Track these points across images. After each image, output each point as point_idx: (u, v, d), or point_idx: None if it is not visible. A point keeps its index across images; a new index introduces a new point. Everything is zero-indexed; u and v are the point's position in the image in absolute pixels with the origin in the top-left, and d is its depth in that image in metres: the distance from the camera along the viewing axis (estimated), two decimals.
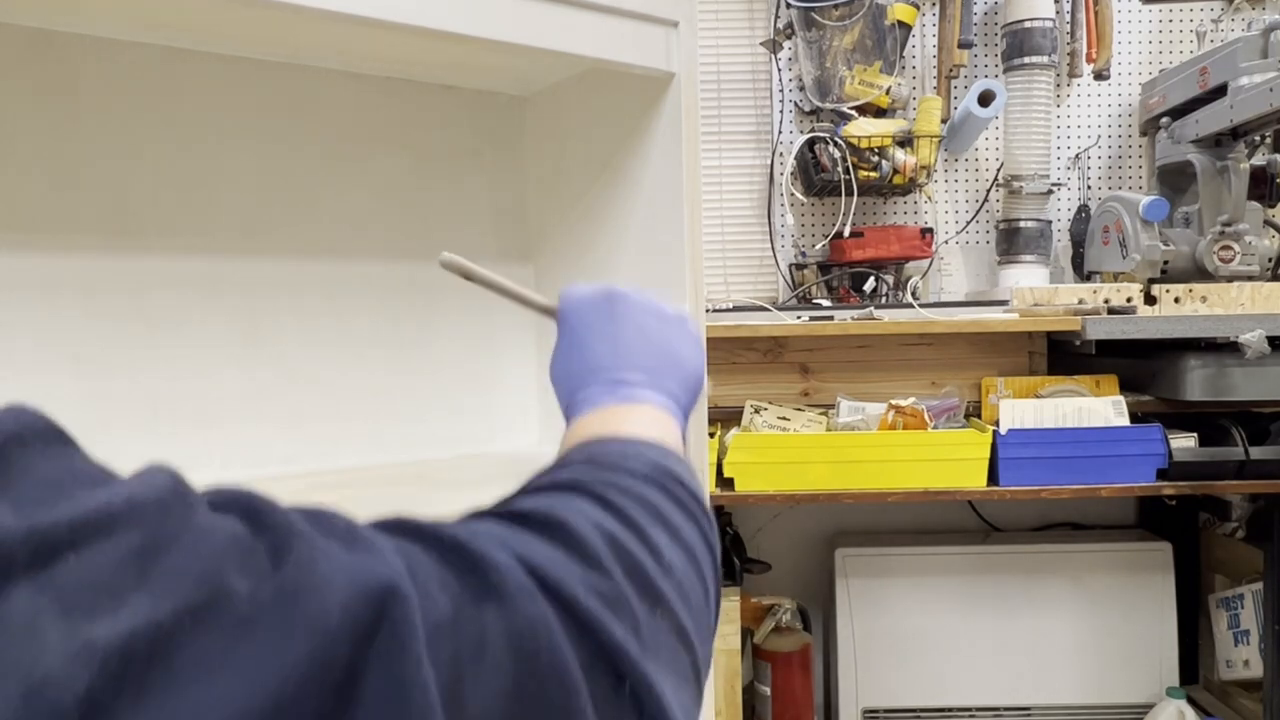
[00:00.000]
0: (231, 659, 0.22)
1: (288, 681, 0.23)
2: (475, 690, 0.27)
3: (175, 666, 0.21)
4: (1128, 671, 1.76)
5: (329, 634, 0.24)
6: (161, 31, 0.78)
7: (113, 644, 0.20)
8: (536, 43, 0.70)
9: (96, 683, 0.20)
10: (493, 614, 0.29)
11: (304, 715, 0.23)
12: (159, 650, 0.21)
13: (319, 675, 0.23)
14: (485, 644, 0.28)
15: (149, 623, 0.21)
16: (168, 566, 0.23)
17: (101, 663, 0.20)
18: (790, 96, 1.98)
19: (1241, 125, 1.59)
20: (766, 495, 1.47)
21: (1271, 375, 1.41)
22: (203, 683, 0.21)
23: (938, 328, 1.54)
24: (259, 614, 0.23)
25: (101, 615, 0.21)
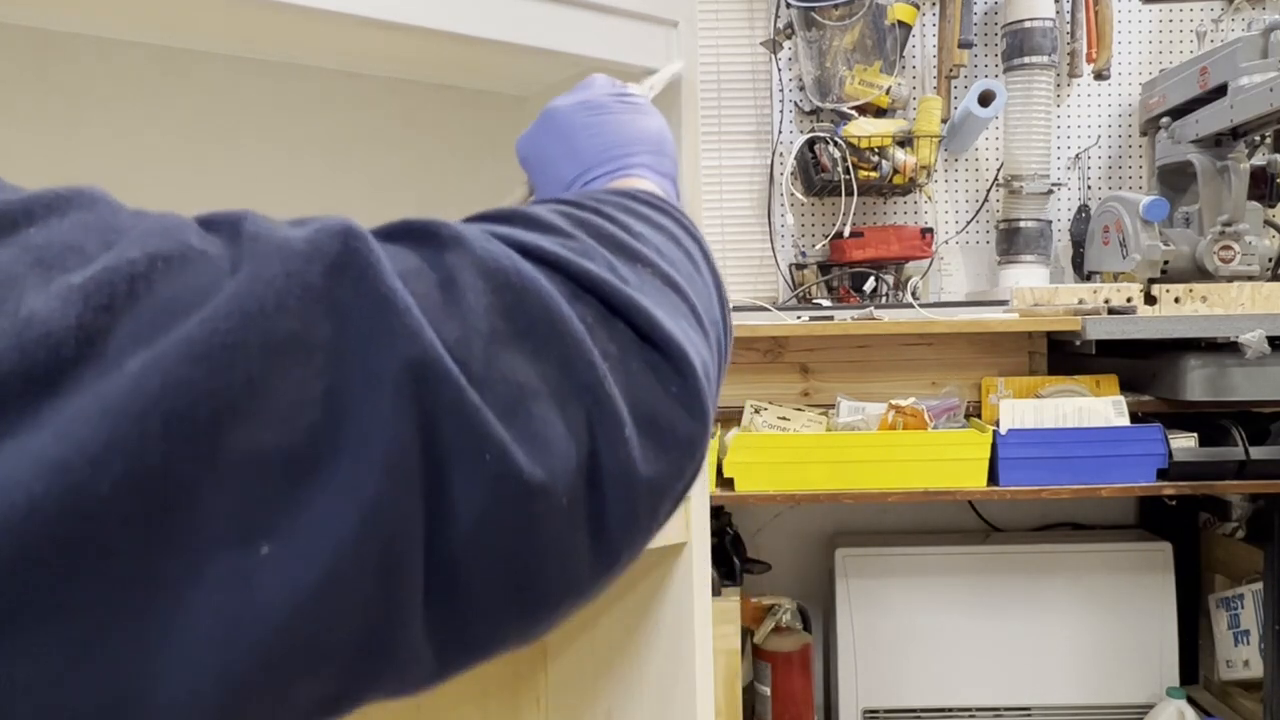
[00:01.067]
0: (211, 291, 0.22)
1: (266, 298, 0.23)
2: (456, 309, 0.27)
3: (158, 296, 0.22)
4: (1128, 671, 1.76)
5: (300, 257, 0.24)
6: (161, 31, 0.78)
7: (91, 283, 0.21)
8: (536, 43, 0.70)
9: (85, 314, 0.20)
10: (455, 257, 0.28)
11: (290, 321, 0.23)
12: (138, 286, 0.21)
13: (297, 294, 0.23)
14: (454, 277, 0.28)
15: (123, 261, 0.21)
16: (131, 230, 0.23)
17: (84, 296, 0.20)
18: (790, 96, 1.98)
19: (1241, 125, 1.59)
20: (766, 495, 1.47)
21: (1271, 375, 1.41)
22: (188, 312, 0.22)
23: (938, 328, 1.54)
24: (229, 259, 0.23)
25: (75, 268, 0.21)
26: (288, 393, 0.22)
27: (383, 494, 0.23)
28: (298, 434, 0.22)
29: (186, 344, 0.21)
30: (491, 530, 0.26)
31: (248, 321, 0.22)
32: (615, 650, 0.89)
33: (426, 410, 0.24)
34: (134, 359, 0.21)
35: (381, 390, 0.24)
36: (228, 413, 0.21)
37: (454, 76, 0.95)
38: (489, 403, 0.26)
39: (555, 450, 0.27)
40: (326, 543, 0.22)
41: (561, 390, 0.28)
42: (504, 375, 0.27)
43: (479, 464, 0.25)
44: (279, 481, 0.22)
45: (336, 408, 0.23)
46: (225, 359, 0.21)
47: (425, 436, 0.24)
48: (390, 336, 0.24)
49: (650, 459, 0.30)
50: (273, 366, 0.22)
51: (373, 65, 0.90)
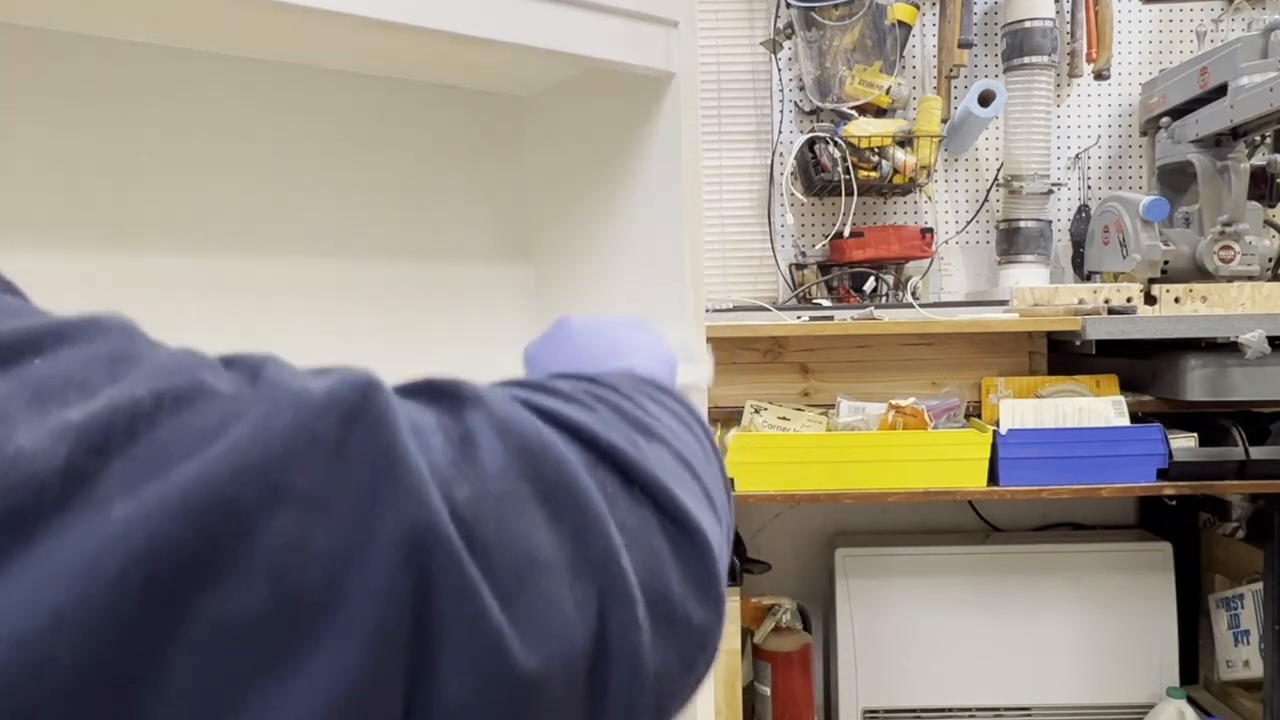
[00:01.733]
0: (216, 435, 0.21)
1: (272, 449, 0.21)
2: (470, 468, 0.26)
3: (158, 437, 0.20)
4: (1128, 671, 1.76)
5: (314, 408, 0.23)
6: (161, 31, 0.78)
7: (89, 420, 0.20)
8: (536, 43, 0.70)
9: (75, 456, 0.19)
10: (475, 416, 0.28)
11: (294, 477, 0.22)
12: (140, 425, 0.20)
13: (304, 446, 0.22)
14: (472, 436, 0.27)
15: (128, 399, 0.20)
16: (141, 364, 0.22)
17: (77, 437, 0.19)
18: (790, 96, 1.98)
19: (1241, 125, 1.59)
20: (766, 495, 1.47)
21: (1271, 375, 1.41)
22: (188, 457, 0.20)
23: (938, 328, 1.54)
24: (242, 400, 0.22)
25: (75, 403, 0.20)
26: (280, 553, 0.21)
27: (365, 672, 0.22)
28: (285, 597, 0.21)
29: (179, 497, 0.20)
30: (478, 711, 0.24)
31: (248, 474, 0.21)
32: None
33: (424, 582, 0.23)
34: (120, 509, 0.19)
35: (382, 554, 0.22)
36: (212, 574, 0.20)
37: (454, 76, 0.95)
38: (492, 576, 0.24)
39: (558, 632, 0.26)
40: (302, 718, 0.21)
41: (575, 564, 0.27)
42: (514, 543, 0.25)
43: (470, 648, 0.24)
44: (258, 654, 0.20)
45: (330, 573, 0.22)
46: (218, 515, 0.20)
47: (418, 612, 0.23)
48: (394, 497, 0.23)
49: (660, 647, 0.28)
50: (268, 523, 0.21)
51: (373, 65, 0.90)
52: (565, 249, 0.99)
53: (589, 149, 0.93)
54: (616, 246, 0.90)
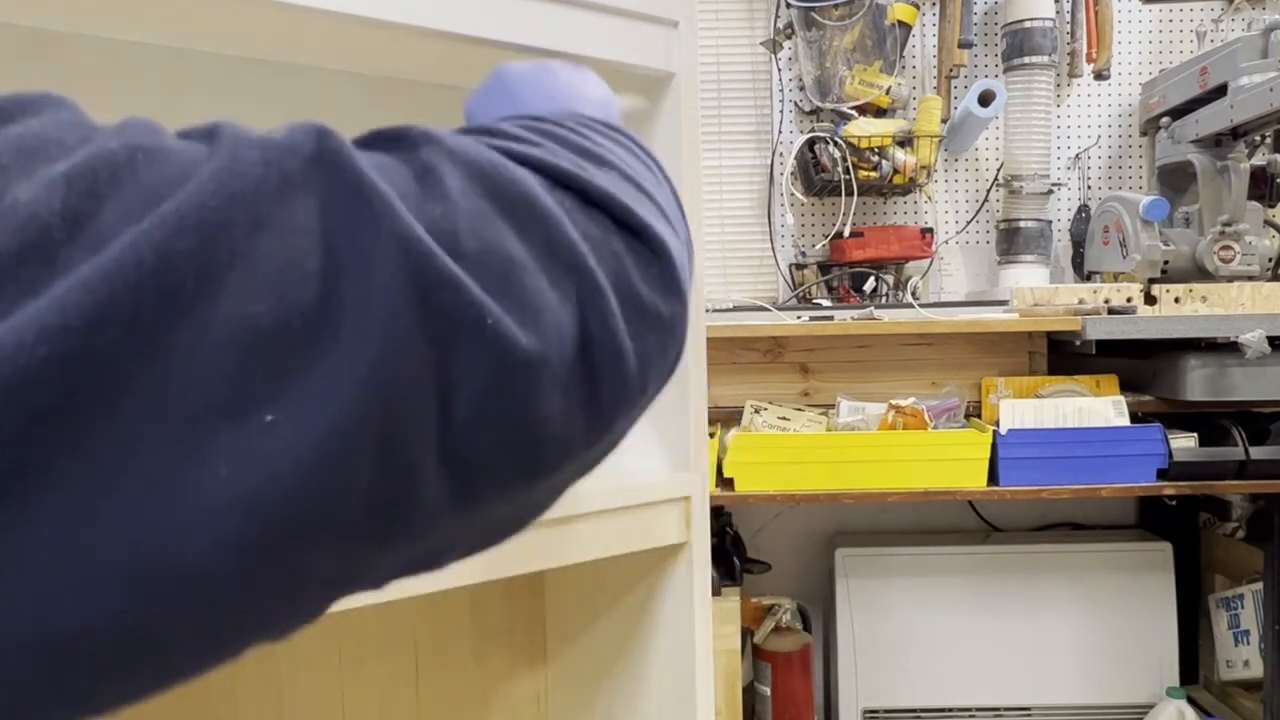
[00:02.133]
0: (192, 174, 0.23)
1: (248, 181, 0.23)
2: (435, 191, 0.27)
3: (141, 181, 0.22)
4: (1128, 671, 1.76)
5: (278, 149, 0.24)
6: (161, 31, 0.78)
7: (74, 170, 0.21)
8: (536, 43, 0.70)
9: (70, 199, 0.21)
10: (429, 150, 0.29)
11: (271, 206, 0.23)
12: (122, 173, 0.22)
13: (276, 180, 0.24)
14: (431, 166, 0.28)
15: (105, 150, 0.22)
16: (105, 128, 0.24)
17: (66, 184, 0.21)
18: (790, 96, 1.98)
19: (1241, 125, 1.59)
20: (766, 495, 1.47)
21: (1271, 375, 1.41)
22: (172, 192, 0.22)
23: (938, 328, 1.54)
24: (207, 152, 0.24)
25: (57, 158, 0.22)
26: (277, 269, 0.23)
27: (384, 360, 0.24)
28: (291, 308, 0.23)
29: (175, 217, 0.22)
30: (495, 396, 0.27)
31: (232, 199, 0.23)
32: (615, 650, 0.89)
33: (419, 284, 0.25)
34: (124, 234, 0.21)
35: (373, 266, 0.24)
36: (218, 284, 0.22)
37: (454, 76, 0.95)
38: (479, 277, 0.26)
39: (549, 321, 0.28)
40: (330, 408, 0.23)
41: (548, 266, 0.29)
42: (492, 249, 0.27)
43: (480, 333, 0.26)
44: (277, 351, 0.22)
45: (329, 283, 0.24)
46: (212, 232, 0.22)
47: (422, 308, 0.25)
48: (373, 217, 0.25)
49: (636, 335, 0.31)
50: (260, 243, 0.23)
51: (373, 65, 0.90)
52: None
53: None
54: None
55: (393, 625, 0.93)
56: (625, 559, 0.81)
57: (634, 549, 0.76)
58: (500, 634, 1.00)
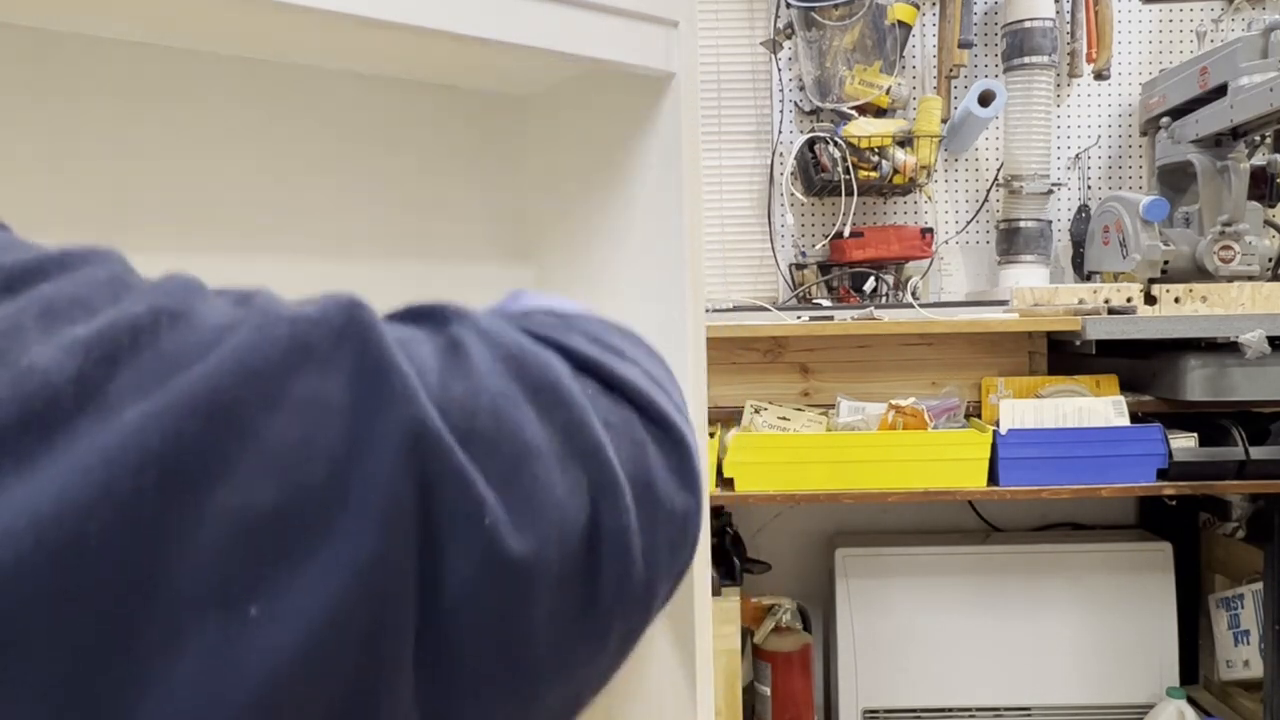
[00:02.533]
0: (213, 346, 0.22)
1: (270, 357, 0.23)
2: (461, 369, 0.27)
3: (160, 349, 0.22)
4: (1128, 671, 1.76)
5: (306, 323, 0.24)
6: (161, 31, 0.78)
7: (95, 335, 0.21)
8: (536, 43, 0.70)
9: (85, 366, 0.21)
10: (459, 327, 0.29)
11: (290, 383, 0.23)
12: (142, 339, 0.22)
13: (300, 355, 0.24)
14: (460, 342, 0.28)
15: (128, 315, 0.22)
16: (137, 286, 0.24)
17: (85, 350, 0.21)
18: (790, 96, 1.98)
19: (1241, 125, 1.59)
20: (766, 495, 1.47)
21: (1271, 375, 1.41)
22: (191, 364, 0.22)
23: (938, 328, 1.54)
24: (236, 317, 0.24)
25: (80, 321, 0.21)
26: (286, 451, 0.22)
27: (377, 557, 0.23)
28: (294, 492, 0.22)
29: (188, 396, 0.21)
30: (481, 596, 0.25)
31: (249, 378, 0.22)
32: None
33: (423, 474, 0.24)
34: (132, 410, 0.20)
35: (382, 451, 0.24)
36: (224, 468, 0.21)
37: (454, 76, 0.95)
38: (488, 467, 0.26)
39: (553, 517, 0.27)
40: (317, 602, 0.22)
41: (564, 454, 0.28)
42: (507, 435, 0.27)
43: (469, 535, 0.25)
44: (271, 540, 0.22)
45: (335, 467, 0.23)
46: (224, 413, 0.22)
47: (421, 503, 0.24)
48: (390, 400, 0.24)
49: (647, 529, 0.30)
50: (272, 423, 0.22)
51: (373, 65, 0.90)
52: (565, 249, 0.99)
53: (589, 149, 0.93)
54: (616, 246, 0.90)
55: None
56: None
57: None
58: None
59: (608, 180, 0.90)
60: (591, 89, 0.92)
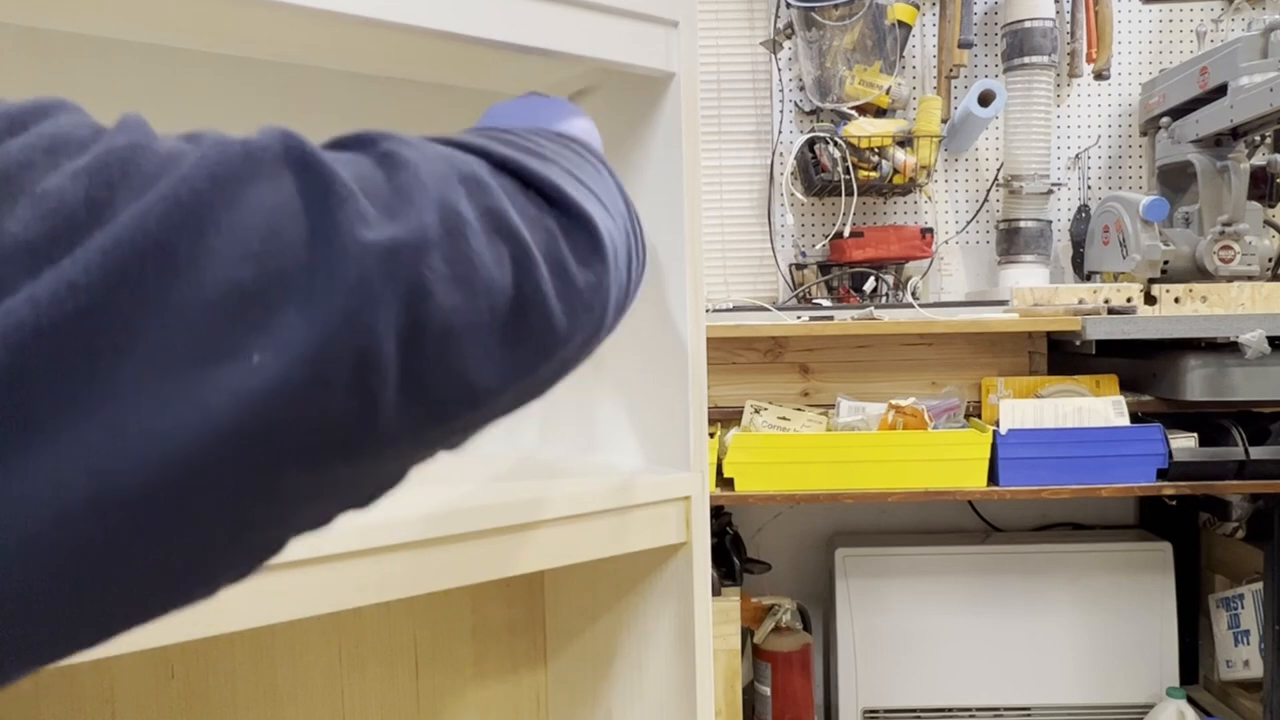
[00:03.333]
0: (183, 159, 0.27)
1: (230, 171, 0.28)
2: (397, 166, 0.32)
3: (142, 169, 0.26)
4: (1128, 671, 1.76)
5: (255, 145, 0.29)
6: (161, 31, 0.78)
7: (92, 162, 0.26)
8: (536, 43, 0.70)
9: (92, 189, 0.25)
10: (389, 142, 0.34)
11: (248, 194, 0.28)
12: (128, 166, 0.26)
13: (254, 165, 0.28)
14: (391, 152, 0.33)
15: (114, 146, 0.27)
16: (109, 128, 0.29)
17: (88, 175, 0.26)
18: (790, 96, 1.98)
19: (1241, 125, 1.59)
20: (766, 495, 1.47)
21: (1271, 375, 1.41)
22: (165, 176, 0.26)
23: (938, 328, 1.54)
24: (190, 147, 0.28)
25: (77, 154, 0.26)
26: (257, 238, 0.27)
27: (350, 309, 0.28)
28: (271, 270, 0.27)
29: (172, 194, 0.26)
30: (436, 342, 0.31)
31: (215, 180, 0.27)
32: (615, 650, 0.89)
33: (381, 247, 0.29)
34: (132, 210, 0.25)
35: (341, 236, 0.29)
36: (207, 249, 0.26)
37: (454, 76, 0.95)
38: (436, 234, 0.31)
39: (485, 278, 0.33)
40: (307, 348, 0.27)
41: (488, 229, 0.33)
42: (448, 205, 0.32)
43: (427, 293, 0.30)
44: (261, 305, 0.27)
45: (303, 250, 0.28)
46: (203, 207, 0.26)
47: (387, 267, 0.29)
48: (337, 199, 0.29)
49: (562, 298, 0.36)
50: (242, 216, 0.27)
51: (373, 65, 0.90)
52: None
53: None
54: None
55: (393, 625, 0.93)
56: (625, 559, 0.81)
57: (634, 549, 0.76)
58: (500, 634, 1.00)
59: None
60: (591, 89, 0.92)
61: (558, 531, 0.70)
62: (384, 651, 0.93)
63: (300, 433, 0.28)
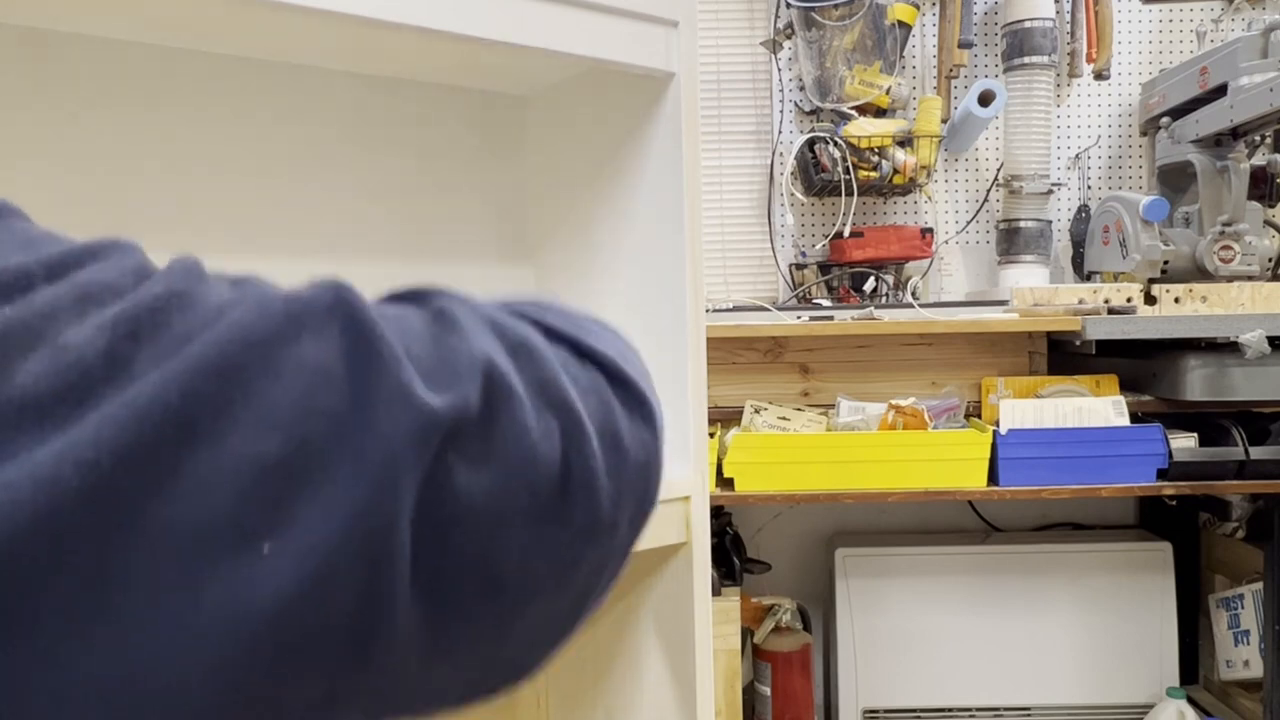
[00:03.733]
0: (220, 318, 0.26)
1: (269, 327, 0.26)
2: (449, 328, 0.31)
3: (174, 326, 0.25)
4: (1128, 671, 1.76)
5: (300, 301, 0.28)
6: (161, 31, 0.78)
7: (121, 314, 0.25)
8: (536, 43, 0.70)
9: (114, 342, 0.24)
10: (445, 300, 0.33)
11: (289, 349, 0.26)
12: (159, 318, 0.25)
13: (295, 326, 0.27)
14: (446, 310, 0.32)
15: (148, 296, 0.26)
16: (155, 272, 0.28)
17: (113, 328, 0.24)
18: (790, 96, 1.98)
19: (1241, 125, 1.59)
20: (766, 495, 1.47)
21: (1271, 375, 1.41)
22: (200, 336, 0.25)
23: (938, 328, 1.54)
24: (234, 296, 0.27)
25: (109, 304, 0.25)
26: (287, 407, 0.25)
27: (376, 498, 0.26)
28: (296, 443, 0.25)
29: (199, 360, 0.24)
30: (465, 527, 0.29)
31: (250, 345, 0.25)
32: (615, 650, 0.89)
33: (417, 434, 0.27)
34: (154, 374, 0.24)
35: (376, 409, 0.27)
36: (232, 421, 0.24)
37: (454, 76, 0.95)
38: (473, 410, 0.29)
39: (528, 456, 0.31)
40: (322, 540, 0.25)
41: (539, 403, 0.31)
42: (497, 379, 0.30)
43: (460, 466, 0.29)
44: (279, 484, 0.25)
45: (332, 423, 0.26)
46: (231, 374, 0.25)
47: (417, 451, 0.27)
48: (380, 364, 0.27)
49: (613, 475, 0.34)
50: (273, 384, 0.25)
51: (373, 65, 0.90)
52: (565, 249, 0.99)
53: (589, 149, 0.93)
54: (616, 246, 0.90)
55: None
56: None
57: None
58: None
59: (608, 180, 0.91)
60: (591, 89, 0.92)
61: None
62: None
63: (304, 637, 0.25)
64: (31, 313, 0.24)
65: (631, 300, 0.88)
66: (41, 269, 0.25)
